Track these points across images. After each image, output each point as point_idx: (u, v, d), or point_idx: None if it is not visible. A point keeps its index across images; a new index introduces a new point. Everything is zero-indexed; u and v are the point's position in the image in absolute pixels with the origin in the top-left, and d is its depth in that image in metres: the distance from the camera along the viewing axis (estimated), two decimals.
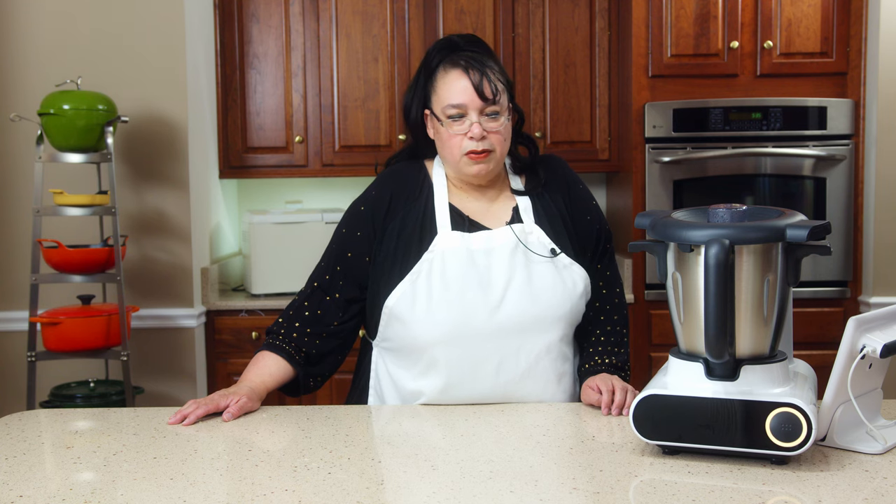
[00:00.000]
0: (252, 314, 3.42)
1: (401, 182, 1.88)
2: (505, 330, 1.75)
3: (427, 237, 1.81)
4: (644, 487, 1.28)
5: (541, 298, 1.77)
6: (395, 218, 1.84)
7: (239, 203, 4.05)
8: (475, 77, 1.78)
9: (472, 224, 1.83)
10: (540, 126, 3.71)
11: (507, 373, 1.75)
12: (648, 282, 3.47)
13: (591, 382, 1.74)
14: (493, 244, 1.80)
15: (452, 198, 1.86)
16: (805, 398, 1.33)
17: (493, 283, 1.77)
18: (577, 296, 1.81)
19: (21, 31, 3.24)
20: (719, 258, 1.29)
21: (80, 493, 1.27)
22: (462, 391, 1.76)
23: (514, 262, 1.79)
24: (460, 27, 3.66)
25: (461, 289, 1.76)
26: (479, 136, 1.77)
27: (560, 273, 1.80)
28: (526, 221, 1.84)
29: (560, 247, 1.82)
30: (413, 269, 1.78)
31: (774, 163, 3.43)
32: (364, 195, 1.90)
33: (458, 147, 1.79)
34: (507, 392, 1.76)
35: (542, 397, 1.78)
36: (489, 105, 1.78)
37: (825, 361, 1.59)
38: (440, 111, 1.81)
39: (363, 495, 1.25)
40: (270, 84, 3.69)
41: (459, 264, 1.77)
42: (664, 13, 3.42)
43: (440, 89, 1.82)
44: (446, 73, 1.81)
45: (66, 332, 2.89)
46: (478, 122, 1.77)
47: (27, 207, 3.18)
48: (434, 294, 1.76)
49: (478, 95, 1.77)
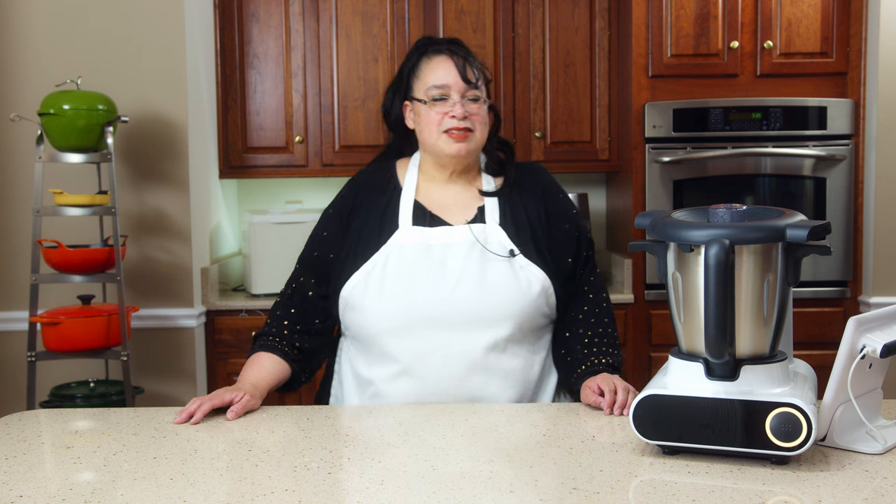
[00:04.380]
0: (252, 314, 3.42)
1: (367, 183, 1.96)
2: (453, 322, 1.78)
3: (386, 232, 1.86)
4: (644, 487, 1.28)
5: (491, 295, 1.79)
6: (359, 215, 1.91)
7: (239, 203, 4.06)
8: (459, 61, 1.87)
9: (434, 219, 1.88)
10: (540, 126, 3.71)
11: (453, 366, 1.77)
12: (648, 282, 3.47)
13: (592, 383, 1.74)
14: (451, 239, 1.84)
15: (420, 192, 1.91)
16: (805, 398, 1.33)
17: (446, 277, 1.80)
18: (531, 296, 1.82)
19: (21, 31, 3.24)
20: (719, 258, 1.29)
21: (80, 493, 1.27)
22: (410, 381, 1.79)
23: (471, 258, 1.82)
24: (460, 27, 3.66)
25: (413, 280, 1.80)
26: (461, 115, 1.84)
27: (515, 272, 1.82)
28: (489, 222, 1.87)
29: (522, 250, 1.84)
30: (370, 260, 1.84)
31: (774, 163, 3.43)
32: (334, 199, 1.99)
33: (438, 125, 1.85)
34: (452, 385, 1.78)
35: (487, 392, 1.79)
36: (471, 88, 1.86)
37: (825, 361, 1.59)
38: (423, 93, 1.87)
39: (363, 495, 1.25)
40: (270, 84, 3.69)
41: (415, 257, 1.82)
42: (664, 13, 3.42)
43: (424, 74, 1.89)
44: (430, 59, 1.90)
45: (66, 332, 2.89)
46: (460, 102, 1.85)
47: (27, 207, 3.18)
48: (386, 284, 1.81)
49: (461, 77, 1.86)
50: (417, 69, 1.91)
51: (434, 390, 1.78)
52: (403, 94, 1.94)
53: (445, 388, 1.78)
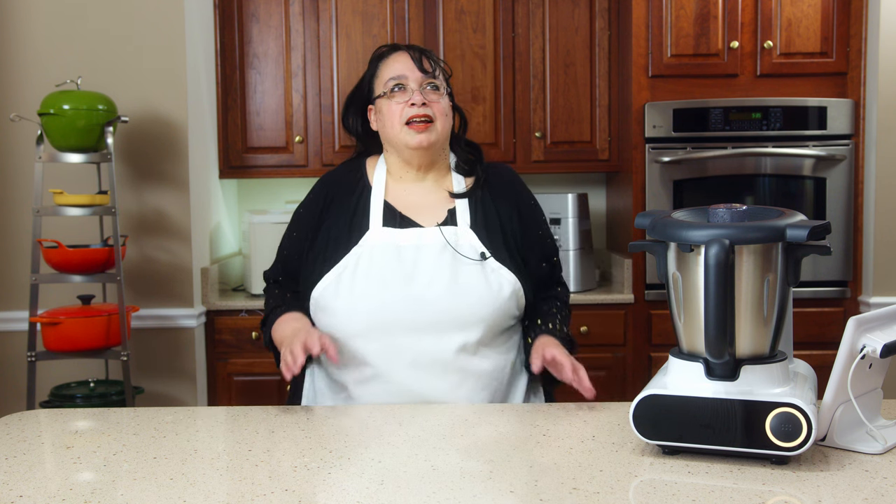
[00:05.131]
0: (252, 314, 3.42)
1: (335, 183, 1.97)
2: (423, 325, 1.78)
3: (357, 233, 1.87)
4: (644, 487, 1.28)
5: (462, 298, 1.79)
6: (328, 216, 1.92)
7: (239, 203, 4.06)
8: (414, 54, 1.90)
9: (404, 220, 1.88)
10: (540, 126, 3.71)
11: (422, 368, 1.77)
12: (648, 282, 3.47)
13: (549, 349, 1.78)
14: (422, 241, 1.84)
15: (389, 193, 1.92)
16: (805, 398, 1.33)
17: (417, 279, 1.80)
18: (502, 299, 1.82)
19: (21, 31, 3.24)
20: (719, 258, 1.29)
21: (80, 493, 1.27)
22: (381, 384, 1.79)
23: (442, 260, 1.82)
24: (460, 27, 3.66)
25: (383, 282, 1.80)
26: (419, 101, 1.85)
27: (487, 276, 1.82)
28: (460, 224, 1.87)
29: (493, 253, 1.85)
30: (340, 262, 1.84)
31: (774, 163, 3.43)
32: (304, 198, 2.01)
33: (399, 116, 1.86)
34: (424, 387, 1.78)
35: (458, 394, 1.79)
36: (428, 77, 1.88)
37: (825, 361, 1.59)
38: (382, 88, 1.89)
39: (363, 495, 1.25)
40: (270, 84, 3.69)
41: (385, 259, 1.82)
42: (664, 13, 3.42)
43: (382, 71, 1.92)
44: (387, 58, 1.93)
45: (66, 332, 2.89)
46: (418, 90, 1.86)
47: (27, 207, 3.18)
48: (357, 286, 1.81)
49: (417, 67, 1.88)
50: (377, 70, 1.94)
51: (405, 393, 1.78)
52: (366, 100, 1.96)
53: (417, 390, 1.78)
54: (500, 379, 1.84)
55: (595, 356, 3.43)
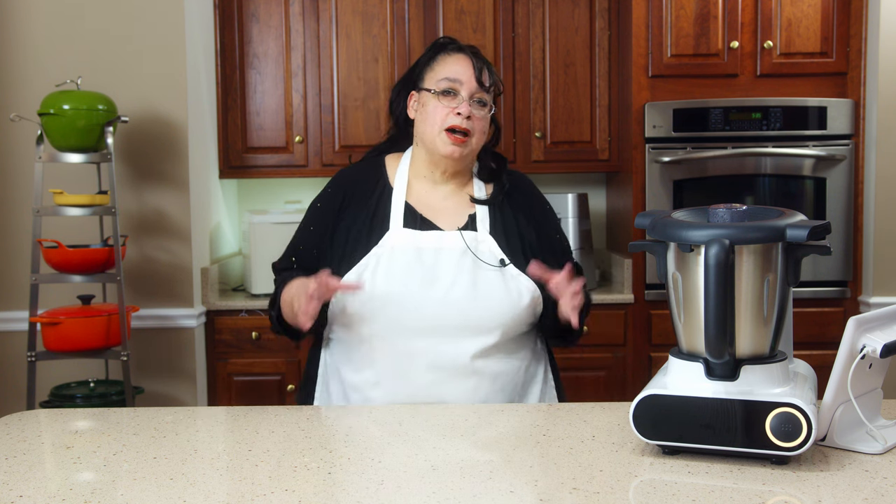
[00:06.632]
0: (252, 314, 3.42)
1: (355, 180, 1.94)
2: (442, 328, 1.77)
3: (377, 233, 1.84)
4: (644, 487, 1.28)
5: (482, 302, 1.78)
6: (347, 215, 1.89)
7: (239, 203, 4.06)
8: (477, 63, 1.86)
9: (425, 222, 1.86)
10: (540, 126, 3.71)
11: (439, 370, 1.77)
12: (648, 282, 3.47)
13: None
14: (442, 244, 1.83)
15: (411, 194, 1.90)
16: (805, 398, 1.33)
17: (438, 282, 1.78)
18: (521, 307, 1.81)
19: (21, 31, 3.24)
20: (719, 258, 1.29)
21: (80, 493, 1.27)
22: (394, 386, 1.78)
23: (462, 265, 1.81)
24: (460, 27, 3.66)
25: (404, 284, 1.78)
26: (466, 112, 1.82)
27: (506, 282, 1.81)
28: (480, 230, 1.86)
29: (513, 260, 1.84)
30: (360, 262, 1.82)
31: (774, 163, 3.43)
32: (321, 192, 1.98)
33: (441, 120, 1.83)
34: (437, 391, 1.77)
35: (475, 398, 1.78)
36: (481, 91, 1.84)
37: (825, 361, 1.59)
38: (434, 83, 1.85)
39: (363, 495, 1.25)
40: (270, 84, 3.69)
41: (406, 260, 1.80)
42: (664, 13, 3.42)
43: (439, 65, 1.87)
44: (450, 55, 1.88)
45: (66, 332, 2.89)
46: (468, 101, 1.83)
47: (27, 207, 3.18)
48: (377, 288, 1.78)
49: (475, 77, 1.84)
50: (433, 61, 1.89)
51: (421, 395, 1.77)
52: (413, 84, 1.92)
53: (433, 393, 1.77)
54: (515, 382, 1.84)
55: (595, 356, 3.43)
